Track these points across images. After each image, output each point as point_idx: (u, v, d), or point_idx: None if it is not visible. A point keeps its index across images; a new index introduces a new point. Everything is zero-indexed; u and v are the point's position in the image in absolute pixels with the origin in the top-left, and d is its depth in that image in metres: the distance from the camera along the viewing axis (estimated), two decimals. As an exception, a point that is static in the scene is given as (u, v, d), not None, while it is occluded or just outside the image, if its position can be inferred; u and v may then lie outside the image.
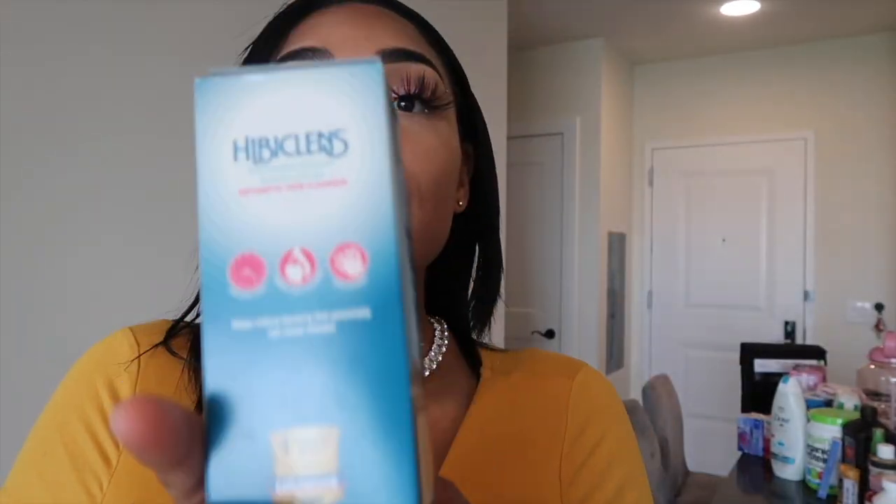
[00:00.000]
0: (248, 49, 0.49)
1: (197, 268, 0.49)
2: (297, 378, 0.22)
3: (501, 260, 0.54)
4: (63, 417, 0.45)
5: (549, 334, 3.62)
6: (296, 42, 0.44)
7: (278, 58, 0.45)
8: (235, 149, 0.23)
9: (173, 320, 0.50)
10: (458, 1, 2.15)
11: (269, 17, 0.48)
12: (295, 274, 0.22)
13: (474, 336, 0.54)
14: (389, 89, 0.25)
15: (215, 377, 0.22)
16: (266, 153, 0.23)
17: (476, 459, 0.45)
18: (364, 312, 0.22)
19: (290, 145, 0.23)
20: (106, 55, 1.20)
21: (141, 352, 0.47)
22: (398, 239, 0.23)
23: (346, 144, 0.23)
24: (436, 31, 0.49)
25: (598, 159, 3.55)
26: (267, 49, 0.46)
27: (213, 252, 0.23)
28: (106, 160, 1.20)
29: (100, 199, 1.19)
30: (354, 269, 0.22)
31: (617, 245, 3.81)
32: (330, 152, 0.23)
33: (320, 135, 0.23)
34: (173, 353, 0.47)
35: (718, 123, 3.81)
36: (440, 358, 0.49)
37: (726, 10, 3.15)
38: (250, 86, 0.24)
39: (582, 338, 3.55)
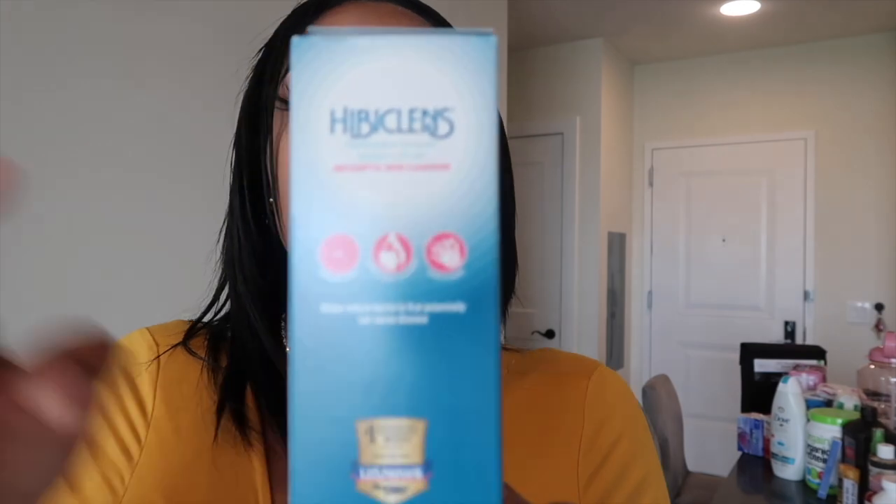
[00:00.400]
0: (262, 51, 0.48)
1: (215, 269, 0.49)
2: (387, 367, 0.21)
3: (516, 256, 0.54)
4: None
5: (549, 334, 3.62)
6: None
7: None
8: (332, 119, 0.22)
9: (189, 320, 0.50)
10: (459, 1, 2.15)
11: (282, 18, 0.48)
12: (389, 261, 0.21)
13: None
14: (499, 64, 0.23)
15: (301, 359, 0.21)
16: (365, 127, 0.22)
17: None
18: (459, 307, 0.21)
19: (391, 121, 0.22)
20: (112, 56, 1.20)
21: (160, 352, 0.47)
22: (498, 232, 0.22)
23: (451, 125, 0.22)
24: (451, 27, 0.49)
25: (598, 159, 3.55)
26: (282, 48, 0.46)
27: (304, 230, 0.22)
28: (109, 162, 1.20)
29: (103, 201, 1.19)
30: (452, 261, 0.21)
31: (617, 245, 3.81)
32: (434, 132, 0.22)
33: (424, 112, 0.22)
34: (192, 353, 0.47)
35: (718, 123, 3.81)
36: None
37: (726, 10, 3.15)
38: (352, 50, 0.22)
39: (582, 338, 3.55)
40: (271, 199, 0.45)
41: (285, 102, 0.44)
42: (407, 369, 0.21)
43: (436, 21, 0.48)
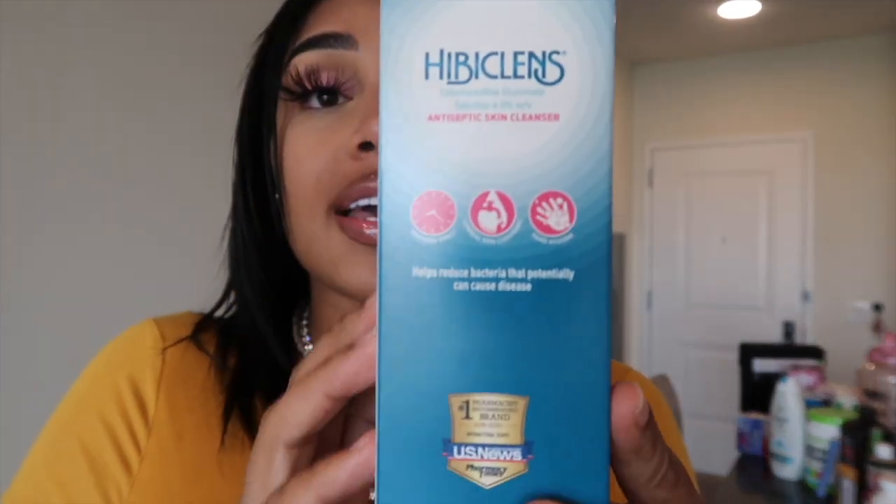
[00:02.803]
0: (262, 36, 0.45)
1: (222, 262, 0.46)
2: (485, 338, 0.19)
3: None
4: (81, 416, 0.41)
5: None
6: (316, 27, 0.40)
7: (297, 45, 0.40)
8: (427, 63, 0.19)
9: (199, 313, 0.47)
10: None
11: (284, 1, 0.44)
12: (489, 222, 0.19)
13: None
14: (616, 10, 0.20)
15: (389, 326, 0.19)
16: (464, 72, 0.19)
17: None
18: (566, 274, 0.19)
19: (493, 65, 0.19)
20: (110, 51, 1.20)
21: (166, 345, 0.44)
22: (611, 191, 0.19)
23: (562, 70, 0.19)
24: None
25: (597, 159, 3.55)
26: (285, 34, 0.42)
27: (395, 186, 0.19)
28: (108, 157, 1.20)
29: (101, 197, 1.20)
30: (560, 223, 0.19)
31: (617, 245, 3.81)
32: (542, 79, 0.19)
33: (532, 55, 0.19)
34: (201, 348, 0.44)
35: (718, 124, 3.81)
36: None
37: (726, 10, 3.15)
38: None
39: (581, 338, 3.55)
40: (277, 196, 0.42)
41: (289, 92, 0.40)
42: (507, 341, 0.19)
43: None
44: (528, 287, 0.19)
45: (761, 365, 2.42)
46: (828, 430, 1.73)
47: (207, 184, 0.50)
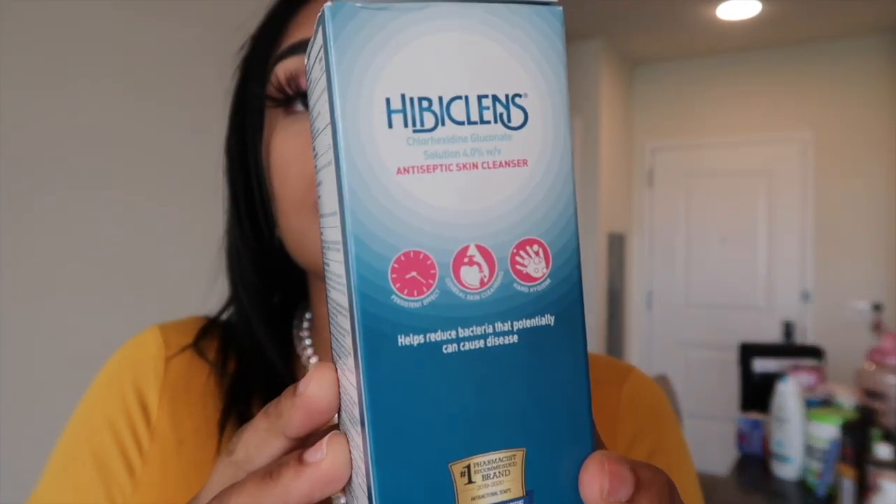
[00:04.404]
0: (246, 45, 0.45)
1: (228, 266, 0.46)
2: (478, 398, 0.18)
3: None
4: (91, 423, 0.44)
5: (549, 334, 3.62)
6: (296, 33, 0.40)
7: (279, 52, 0.41)
8: (389, 110, 0.18)
9: (205, 317, 0.48)
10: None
11: (268, 7, 0.44)
12: (472, 277, 0.18)
13: None
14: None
15: (380, 402, 0.18)
16: (430, 119, 0.18)
17: None
18: (548, 319, 0.19)
19: (458, 110, 0.18)
20: (104, 52, 1.20)
21: (169, 353, 0.45)
22: (578, 232, 0.19)
23: (525, 114, 0.18)
24: None
25: (597, 160, 3.55)
26: (267, 42, 0.42)
27: (367, 249, 0.18)
28: (110, 157, 1.21)
29: (106, 197, 1.20)
30: (538, 269, 0.19)
31: (616, 245, 3.81)
32: (507, 123, 0.18)
33: (496, 99, 0.18)
34: (201, 355, 0.45)
35: (718, 124, 3.82)
36: None
37: (727, 10, 3.15)
38: (404, 21, 0.18)
39: (581, 338, 3.55)
40: (266, 201, 0.43)
41: (272, 99, 0.40)
42: (499, 396, 0.19)
43: None
44: (516, 339, 0.19)
45: (761, 365, 2.43)
46: (828, 430, 1.73)
47: (217, 183, 0.50)
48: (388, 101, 0.17)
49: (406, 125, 0.18)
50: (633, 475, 0.19)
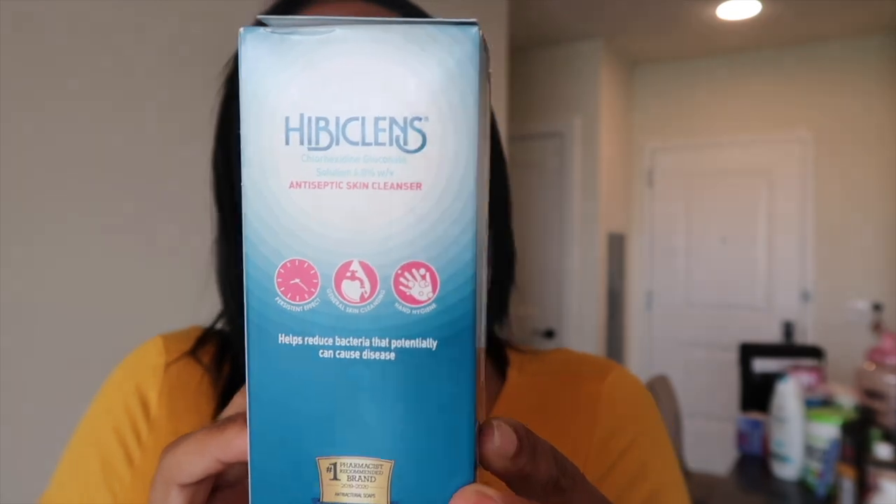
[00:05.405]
0: (231, 62, 0.46)
1: (218, 276, 0.48)
2: (350, 404, 0.19)
3: (514, 246, 0.53)
4: (97, 424, 0.47)
5: (549, 334, 3.62)
6: None
7: None
8: (287, 128, 0.19)
9: (203, 327, 0.51)
10: (458, 2, 2.16)
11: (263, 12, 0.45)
12: (352, 291, 0.19)
13: (496, 325, 0.52)
14: (487, 61, 0.19)
15: (258, 391, 0.20)
16: (325, 138, 0.19)
17: None
18: (430, 343, 0.19)
19: (354, 131, 0.19)
20: (96, 53, 1.20)
21: (169, 359, 0.48)
22: (477, 261, 0.19)
23: (423, 137, 0.19)
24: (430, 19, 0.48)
25: (597, 160, 3.56)
26: None
27: (259, 253, 0.19)
28: (111, 158, 1.21)
29: (102, 201, 1.20)
30: (422, 293, 0.19)
31: (616, 246, 3.81)
32: (403, 146, 0.19)
33: (393, 121, 0.19)
34: (198, 362, 0.48)
35: (718, 124, 3.82)
36: None
37: (726, 11, 3.16)
38: (309, 45, 0.19)
39: (581, 338, 3.55)
40: None
41: None
42: (372, 407, 0.19)
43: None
44: (392, 356, 0.19)
45: (761, 365, 2.43)
46: (827, 430, 1.73)
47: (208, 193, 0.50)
48: (287, 119, 0.19)
49: (302, 143, 0.19)
50: None
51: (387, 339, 0.19)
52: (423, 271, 0.19)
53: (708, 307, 3.83)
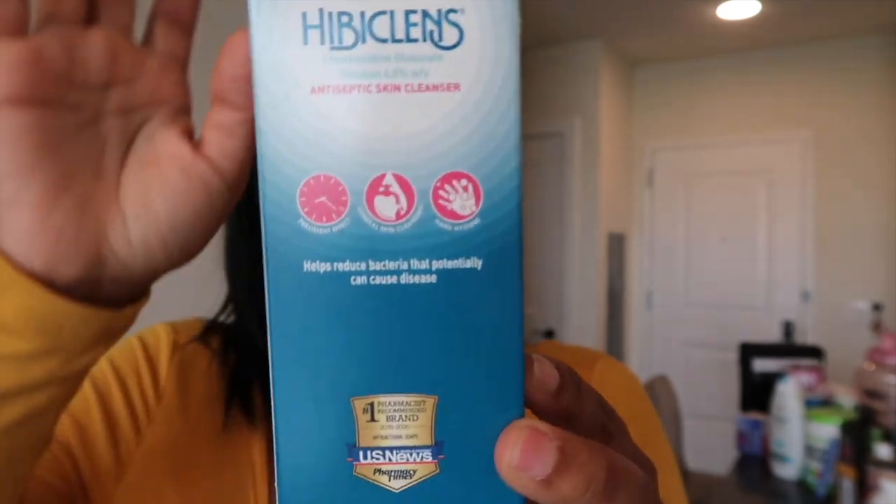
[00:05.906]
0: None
1: (226, 257, 0.48)
2: (388, 336, 0.17)
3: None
4: (102, 377, 0.46)
5: (549, 334, 3.62)
6: None
7: None
8: (305, 26, 0.17)
9: (206, 319, 0.52)
10: (458, 1, 2.16)
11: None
12: (387, 208, 0.17)
13: None
14: None
15: (281, 327, 0.17)
16: (349, 36, 0.17)
17: None
18: (474, 263, 0.17)
19: (382, 27, 0.17)
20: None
21: (178, 339, 0.49)
22: (521, 169, 0.18)
23: (461, 32, 0.17)
24: None
25: (597, 160, 3.56)
26: None
27: (277, 170, 0.17)
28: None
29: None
30: (465, 207, 0.17)
31: (616, 246, 3.81)
32: (438, 42, 0.17)
33: (426, 14, 0.17)
34: (206, 345, 0.49)
35: (718, 124, 3.82)
36: None
37: (726, 11, 3.15)
38: None
39: (581, 338, 3.55)
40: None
41: None
42: (412, 337, 0.17)
43: None
44: (434, 279, 0.17)
45: (761, 365, 2.43)
46: (827, 430, 1.73)
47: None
48: (304, 15, 0.16)
49: (323, 42, 0.17)
50: (556, 454, 0.17)
51: (427, 261, 0.17)
52: (464, 182, 0.17)
53: (708, 307, 3.83)
